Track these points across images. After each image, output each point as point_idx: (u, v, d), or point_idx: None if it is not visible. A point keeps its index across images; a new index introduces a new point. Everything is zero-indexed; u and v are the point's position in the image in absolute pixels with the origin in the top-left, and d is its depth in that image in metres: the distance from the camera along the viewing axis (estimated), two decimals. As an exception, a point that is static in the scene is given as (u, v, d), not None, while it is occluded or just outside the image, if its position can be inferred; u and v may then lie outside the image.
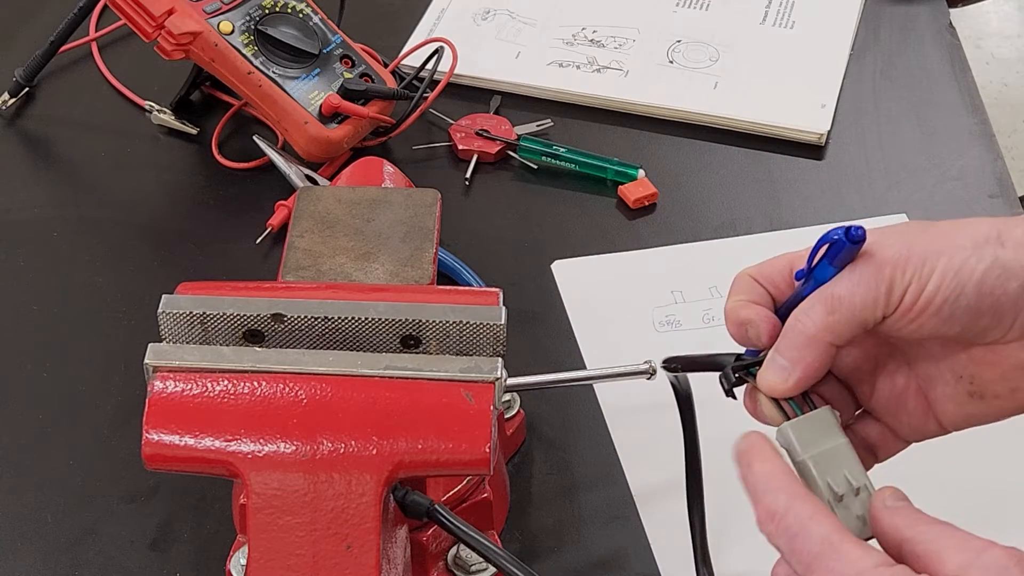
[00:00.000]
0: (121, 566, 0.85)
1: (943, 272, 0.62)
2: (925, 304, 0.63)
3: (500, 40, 1.25)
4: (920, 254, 0.63)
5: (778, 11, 1.28)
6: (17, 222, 1.10)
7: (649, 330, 1.00)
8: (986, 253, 0.62)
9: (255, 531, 0.67)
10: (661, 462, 0.90)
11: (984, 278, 0.62)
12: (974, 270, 0.62)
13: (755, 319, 0.67)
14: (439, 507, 0.70)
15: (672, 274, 1.04)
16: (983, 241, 0.63)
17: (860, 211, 1.09)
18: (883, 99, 1.20)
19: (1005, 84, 2.84)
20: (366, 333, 0.72)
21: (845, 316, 0.64)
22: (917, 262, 0.63)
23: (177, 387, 0.69)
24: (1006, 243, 0.62)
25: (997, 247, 0.62)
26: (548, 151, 1.13)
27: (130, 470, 0.90)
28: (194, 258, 1.06)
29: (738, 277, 0.70)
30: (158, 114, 1.17)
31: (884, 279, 0.63)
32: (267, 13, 1.11)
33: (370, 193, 0.88)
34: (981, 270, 0.62)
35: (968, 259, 0.62)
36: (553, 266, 1.05)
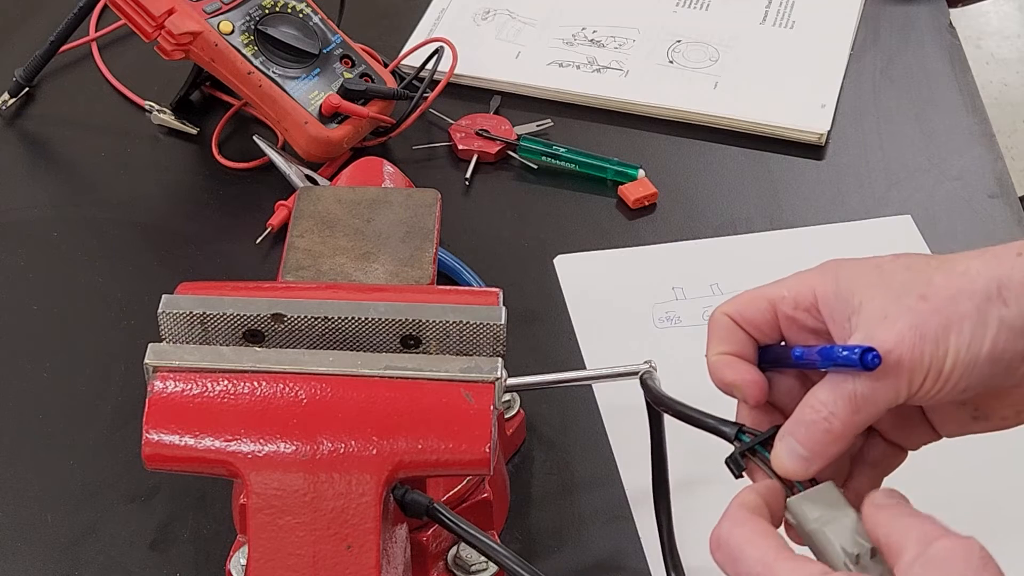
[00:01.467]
0: (121, 566, 0.85)
1: (956, 350, 0.62)
2: (942, 384, 0.63)
3: (500, 40, 1.25)
4: (932, 336, 0.62)
5: (778, 11, 1.28)
6: (17, 222, 1.10)
7: (649, 326, 1.00)
8: (991, 317, 0.62)
9: (255, 531, 0.67)
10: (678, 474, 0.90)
11: (994, 346, 0.62)
12: (983, 341, 0.62)
13: (741, 384, 0.68)
14: (438, 506, 0.70)
15: (673, 270, 1.04)
16: (985, 301, 0.62)
17: (860, 211, 1.09)
18: (883, 99, 1.20)
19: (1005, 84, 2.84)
20: (366, 333, 0.72)
21: (870, 414, 0.64)
22: (931, 348, 0.63)
23: (177, 387, 0.69)
24: (1008, 300, 0.62)
25: (1000, 307, 0.62)
26: (548, 151, 1.13)
27: (130, 470, 0.90)
28: (194, 258, 1.06)
29: (715, 319, 0.70)
30: (158, 114, 1.17)
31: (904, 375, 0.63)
32: (267, 13, 1.11)
33: (370, 193, 0.88)
34: (990, 338, 0.62)
35: (976, 330, 0.62)
36: (555, 261, 1.05)
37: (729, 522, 0.63)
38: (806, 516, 0.64)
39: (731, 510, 0.64)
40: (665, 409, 0.77)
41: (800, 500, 0.64)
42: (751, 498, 0.64)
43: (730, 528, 0.62)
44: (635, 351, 0.91)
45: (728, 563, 0.62)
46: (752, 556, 0.61)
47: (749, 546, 0.61)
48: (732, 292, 1.01)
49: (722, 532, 0.63)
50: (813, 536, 0.63)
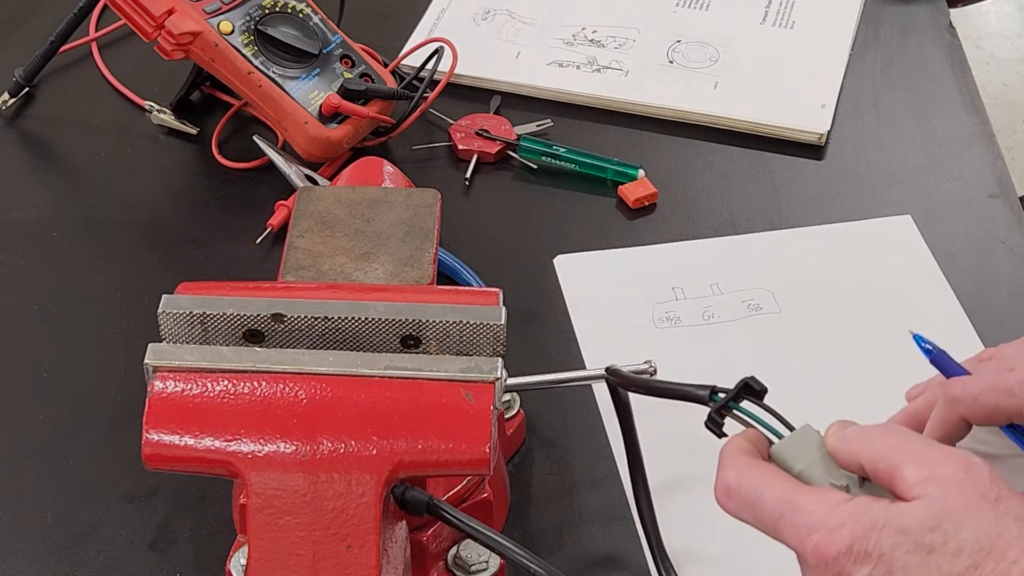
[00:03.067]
0: (121, 566, 0.85)
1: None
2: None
3: (500, 40, 1.25)
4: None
5: (778, 11, 1.28)
6: (17, 222, 1.10)
7: (649, 326, 1.00)
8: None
9: (255, 531, 0.67)
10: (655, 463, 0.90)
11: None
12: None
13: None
14: (438, 502, 0.70)
15: (673, 270, 1.04)
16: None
17: (860, 211, 1.09)
18: (883, 99, 1.20)
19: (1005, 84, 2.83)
20: (366, 333, 0.72)
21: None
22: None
23: (177, 387, 0.69)
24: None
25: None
26: (548, 151, 1.13)
27: (130, 470, 0.90)
28: (194, 258, 1.06)
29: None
30: (158, 114, 1.17)
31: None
32: (267, 13, 1.11)
33: (370, 193, 0.88)
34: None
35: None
36: (555, 261, 1.05)
37: (735, 470, 0.63)
38: (792, 459, 0.65)
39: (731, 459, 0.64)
40: (637, 388, 0.78)
41: (783, 445, 0.65)
42: (745, 445, 0.65)
43: (738, 475, 0.63)
44: (635, 351, 0.91)
45: (745, 509, 0.63)
46: (773, 496, 0.61)
47: (767, 487, 0.62)
48: (732, 292, 1.02)
49: (730, 480, 0.63)
50: (801, 477, 0.64)
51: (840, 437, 0.64)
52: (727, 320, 1.00)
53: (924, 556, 0.57)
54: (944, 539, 0.58)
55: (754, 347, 0.98)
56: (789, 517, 0.61)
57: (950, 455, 0.60)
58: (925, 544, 0.58)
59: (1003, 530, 0.58)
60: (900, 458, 0.61)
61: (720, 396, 0.68)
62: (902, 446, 0.61)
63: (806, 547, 0.60)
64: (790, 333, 0.99)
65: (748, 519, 0.63)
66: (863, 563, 0.58)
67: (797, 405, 0.84)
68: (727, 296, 1.02)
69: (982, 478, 0.59)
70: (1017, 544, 0.57)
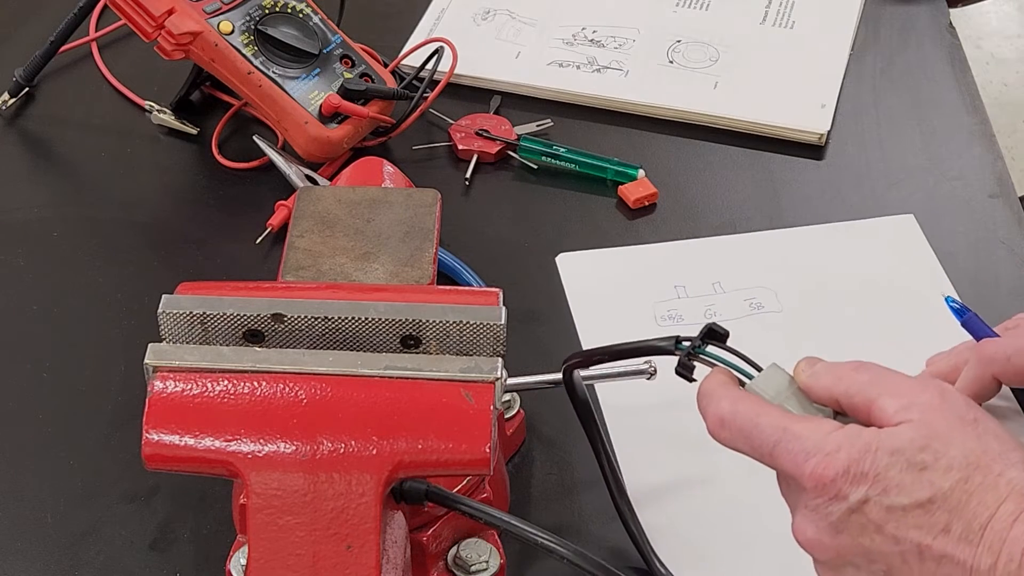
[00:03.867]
0: (121, 566, 0.85)
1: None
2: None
3: (500, 40, 1.25)
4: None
5: (778, 11, 1.28)
6: (17, 222, 1.10)
7: (650, 324, 1.00)
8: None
9: (255, 531, 0.67)
10: (657, 463, 0.90)
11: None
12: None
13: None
14: (436, 488, 0.71)
15: (676, 269, 1.04)
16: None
17: (860, 211, 1.09)
18: (883, 99, 1.20)
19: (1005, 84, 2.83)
20: (366, 333, 0.72)
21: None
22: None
23: (177, 387, 0.69)
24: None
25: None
26: (548, 151, 1.13)
27: (130, 470, 0.90)
28: (194, 258, 1.06)
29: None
30: (158, 114, 1.17)
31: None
32: (267, 13, 1.11)
33: (370, 193, 0.88)
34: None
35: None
36: (557, 259, 1.05)
37: (728, 401, 0.66)
38: (766, 396, 0.67)
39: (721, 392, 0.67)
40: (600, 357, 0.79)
41: (755, 384, 0.68)
42: (726, 378, 0.68)
43: (732, 405, 0.66)
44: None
45: (740, 437, 0.65)
46: (768, 424, 0.64)
47: (759, 416, 0.65)
48: (734, 291, 1.02)
49: (724, 411, 0.66)
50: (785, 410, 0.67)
51: (811, 374, 0.66)
52: (729, 318, 1.00)
53: (917, 473, 0.60)
54: (935, 457, 0.61)
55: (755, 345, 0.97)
56: (785, 444, 0.63)
57: (925, 384, 0.64)
58: (917, 462, 0.60)
59: (986, 447, 0.61)
60: (876, 391, 0.63)
61: (684, 344, 0.70)
62: (876, 380, 0.64)
63: (803, 471, 0.63)
64: (792, 331, 0.99)
65: (743, 447, 0.66)
66: (859, 483, 0.61)
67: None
68: (729, 294, 1.02)
69: (958, 403, 0.63)
70: (1000, 459, 0.61)
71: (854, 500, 0.61)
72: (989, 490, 0.60)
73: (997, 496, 0.60)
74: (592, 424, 0.84)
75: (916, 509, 0.60)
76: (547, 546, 0.71)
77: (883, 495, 0.61)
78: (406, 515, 0.74)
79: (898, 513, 0.61)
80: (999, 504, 0.59)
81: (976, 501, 0.60)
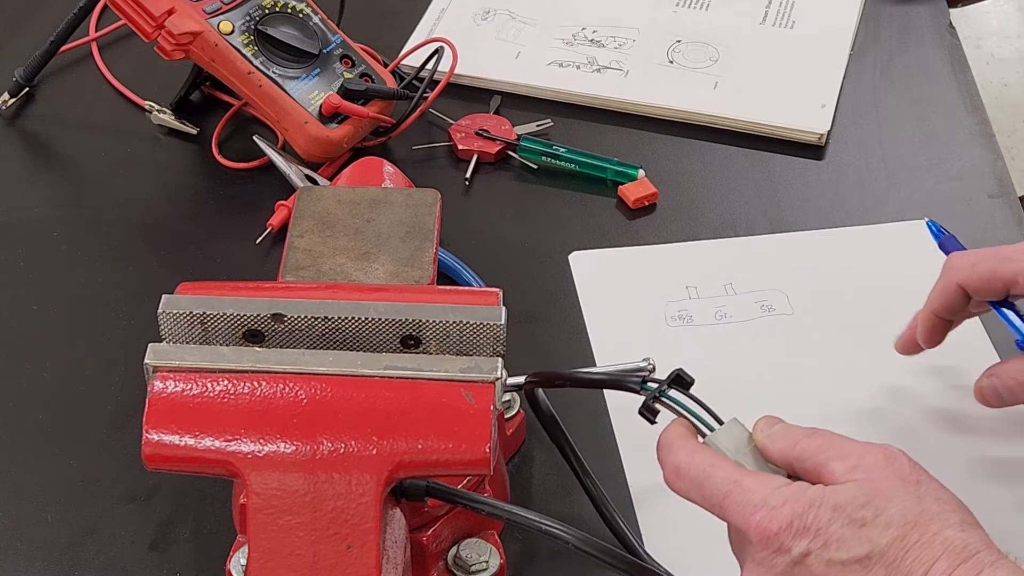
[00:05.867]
0: (121, 566, 0.85)
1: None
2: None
3: (500, 40, 1.25)
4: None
5: (778, 11, 1.28)
6: (17, 222, 1.10)
7: (661, 324, 0.99)
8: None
9: (255, 531, 0.67)
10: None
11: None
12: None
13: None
14: (436, 483, 0.71)
15: (688, 269, 1.04)
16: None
17: (860, 211, 1.09)
18: (883, 99, 1.20)
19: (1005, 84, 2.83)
20: (366, 333, 0.72)
21: None
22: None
23: (177, 387, 0.69)
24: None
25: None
26: (548, 151, 1.13)
27: (130, 470, 0.90)
28: (194, 258, 1.06)
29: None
30: (158, 114, 1.17)
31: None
32: (267, 13, 1.11)
33: (370, 193, 0.88)
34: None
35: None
36: (570, 257, 1.05)
37: (685, 452, 0.69)
38: (725, 451, 0.69)
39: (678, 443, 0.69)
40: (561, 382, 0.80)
41: (716, 437, 0.70)
42: (685, 431, 0.70)
43: (688, 457, 0.69)
44: (646, 350, 0.91)
45: (693, 489, 0.68)
46: (719, 476, 0.67)
47: (713, 468, 0.67)
48: (746, 293, 1.02)
49: (680, 462, 0.69)
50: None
51: (768, 435, 0.69)
52: (739, 320, 1.00)
53: (857, 529, 0.63)
54: (875, 513, 0.63)
55: (766, 348, 0.98)
56: (735, 496, 0.66)
57: (870, 447, 0.66)
58: (857, 518, 0.63)
59: (925, 507, 0.63)
60: (826, 455, 0.66)
61: (652, 386, 0.71)
62: (827, 445, 0.67)
63: (750, 524, 0.65)
64: (803, 335, 0.99)
65: (696, 498, 0.68)
66: (801, 537, 0.64)
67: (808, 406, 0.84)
68: (741, 296, 1.01)
69: (902, 465, 0.66)
70: (939, 518, 0.63)
71: (796, 553, 0.64)
72: (924, 547, 0.62)
73: (932, 554, 0.62)
74: (561, 437, 0.85)
75: (854, 564, 0.63)
76: (551, 532, 0.72)
77: (824, 549, 0.63)
78: (406, 515, 0.74)
79: (837, 567, 0.63)
80: (933, 561, 0.62)
81: (912, 558, 0.62)
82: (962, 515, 0.64)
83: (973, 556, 0.62)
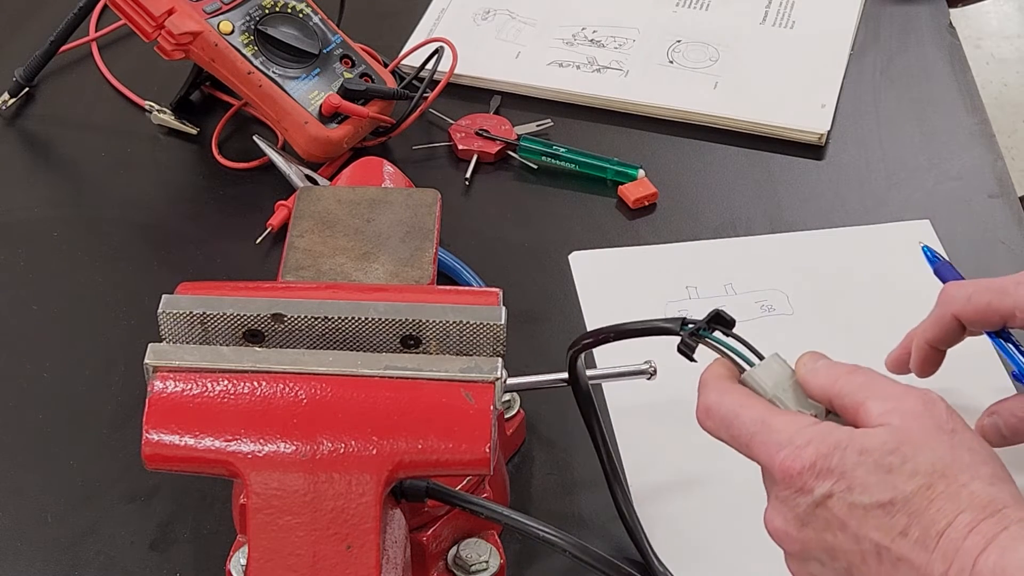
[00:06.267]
0: (121, 566, 0.85)
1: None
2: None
3: (500, 40, 1.25)
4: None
5: (778, 11, 1.28)
6: (17, 222, 1.10)
7: None
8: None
9: (255, 531, 0.67)
10: (662, 463, 0.90)
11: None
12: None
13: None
14: (436, 484, 0.71)
15: (688, 269, 1.04)
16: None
17: (860, 211, 1.09)
18: (883, 99, 1.20)
19: (1005, 84, 2.83)
20: (366, 333, 0.72)
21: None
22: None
23: (177, 387, 0.69)
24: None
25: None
26: (548, 151, 1.13)
27: (130, 470, 0.90)
28: (194, 258, 1.06)
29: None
30: (158, 114, 1.17)
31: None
32: (267, 13, 1.11)
33: (370, 193, 0.88)
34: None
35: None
36: (570, 257, 1.05)
37: (716, 392, 0.69)
38: (762, 387, 0.69)
39: (711, 383, 0.69)
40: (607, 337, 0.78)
41: (753, 374, 0.69)
42: (723, 371, 0.70)
43: (719, 397, 0.68)
44: (646, 349, 0.91)
45: (722, 428, 0.68)
46: (748, 416, 0.67)
47: (743, 408, 0.67)
48: (746, 293, 1.02)
49: (711, 402, 0.69)
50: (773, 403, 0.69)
51: (810, 370, 0.68)
52: (740, 320, 0.99)
53: (883, 475, 0.62)
54: (902, 460, 0.62)
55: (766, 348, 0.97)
56: (761, 435, 0.66)
57: (911, 391, 0.65)
58: (884, 464, 0.62)
59: (956, 457, 0.62)
60: (864, 395, 0.65)
61: (689, 327, 0.71)
62: (867, 384, 0.66)
63: (774, 462, 0.65)
64: (803, 335, 0.98)
65: (724, 437, 0.68)
66: (825, 479, 0.63)
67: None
68: (741, 296, 1.01)
69: (939, 412, 0.64)
70: (968, 470, 0.62)
71: (819, 494, 0.63)
72: (950, 499, 0.61)
73: (956, 506, 0.61)
74: (594, 417, 0.84)
75: (877, 509, 0.62)
76: (548, 539, 0.72)
77: (847, 492, 0.63)
78: (406, 515, 0.74)
79: (860, 511, 0.62)
80: (957, 513, 0.61)
81: (936, 508, 0.61)
82: (994, 467, 0.63)
83: (1000, 511, 0.60)
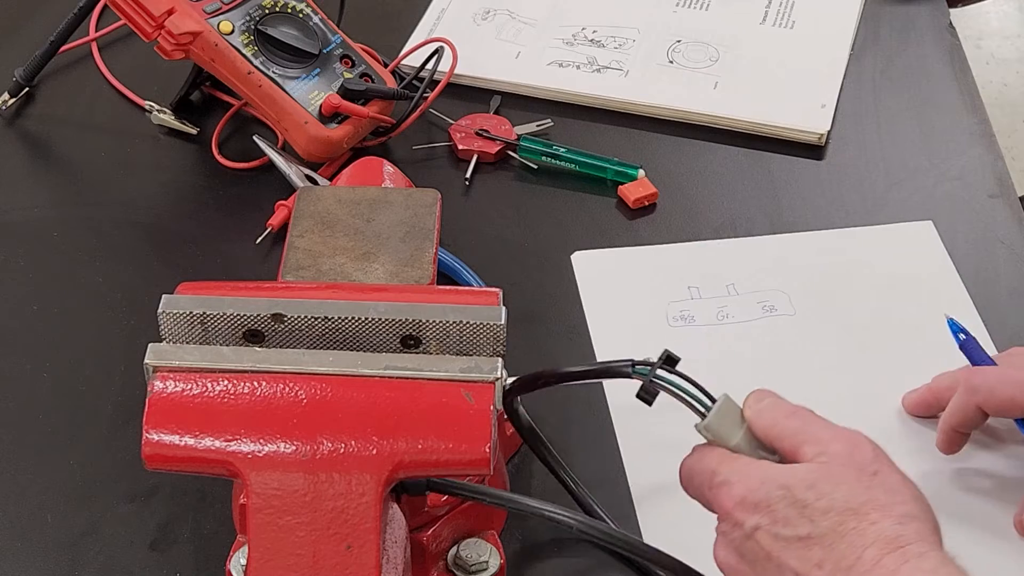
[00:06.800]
0: (121, 566, 0.85)
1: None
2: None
3: (500, 40, 1.25)
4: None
5: (778, 11, 1.28)
6: (17, 222, 1.10)
7: (662, 324, 0.99)
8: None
9: (255, 531, 0.67)
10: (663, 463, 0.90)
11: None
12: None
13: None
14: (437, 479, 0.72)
15: (690, 270, 1.04)
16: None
17: (860, 211, 1.09)
18: (883, 99, 1.20)
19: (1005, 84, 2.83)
20: (366, 333, 0.72)
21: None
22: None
23: (177, 387, 0.69)
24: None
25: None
26: (548, 151, 1.13)
27: (130, 470, 0.90)
28: (194, 258, 1.06)
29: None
30: (158, 114, 1.17)
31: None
32: (267, 13, 1.11)
33: (370, 193, 0.88)
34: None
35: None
36: (572, 257, 1.05)
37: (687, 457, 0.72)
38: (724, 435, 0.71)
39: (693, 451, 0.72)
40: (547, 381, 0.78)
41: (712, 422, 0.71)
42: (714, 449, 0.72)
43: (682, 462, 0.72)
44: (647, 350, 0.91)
45: (689, 488, 0.72)
46: (700, 470, 0.70)
47: (696, 464, 0.71)
48: (749, 293, 1.02)
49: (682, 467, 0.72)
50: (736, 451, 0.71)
51: (755, 412, 0.71)
52: (741, 321, 1.00)
53: (799, 509, 0.66)
54: (817, 496, 0.65)
55: (768, 348, 0.98)
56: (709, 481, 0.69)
57: (840, 435, 0.68)
58: (800, 499, 0.66)
59: (872, 497, 0.65)
60: (800, 439, 0.68)
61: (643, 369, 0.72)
62: (802, 428, 0.69)
63: (714, 501, 0.69)
64: (805, 335, 0.98)
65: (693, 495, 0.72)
66: (753, 512, 0.67)
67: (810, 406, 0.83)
68: (743, 297, 1.01)
69: (864, 453, 0.67)
70: (881, 509, 0.65)
71: (748, 527, 0.67)
72: (860, 535, 0.64)
73: (863, 542, 0.64)
74: (541, 447, 0.86)
75: (797, 542, 0.65)
76: (555, 518, 0.75)
77: (772, 525, 0.66)
78: (406, 515, 0.74)
79: (782, 543, 0.66)
80: (864, 549, 0.64)
81: (846, 544, 0.64)
82: (908, 507, 0.66)
83: (903, 547, 0.63)
